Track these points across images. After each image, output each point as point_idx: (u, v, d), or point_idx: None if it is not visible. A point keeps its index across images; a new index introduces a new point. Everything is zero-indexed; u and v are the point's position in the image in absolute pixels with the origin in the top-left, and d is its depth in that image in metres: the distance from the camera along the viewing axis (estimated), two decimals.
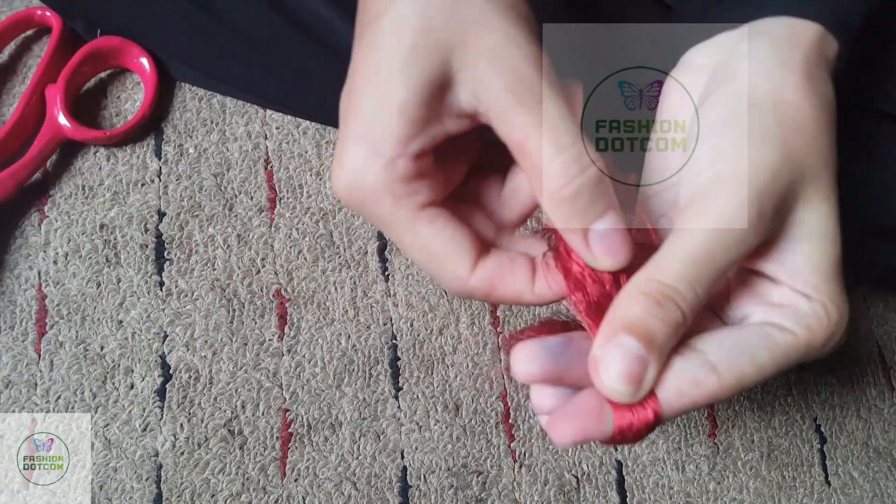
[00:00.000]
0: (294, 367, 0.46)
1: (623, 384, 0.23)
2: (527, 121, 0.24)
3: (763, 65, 0.27)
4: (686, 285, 0.23)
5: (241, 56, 0.47)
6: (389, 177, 0.25)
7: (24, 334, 0.44)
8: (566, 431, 0.23)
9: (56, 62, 0.47)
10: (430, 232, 0.26)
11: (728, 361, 0.24)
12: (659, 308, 0.23)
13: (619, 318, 0.24)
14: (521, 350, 0.24)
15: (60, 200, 0.47)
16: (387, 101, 0.25)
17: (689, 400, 0.23)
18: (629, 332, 0.23)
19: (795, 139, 0.25)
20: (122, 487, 0.42)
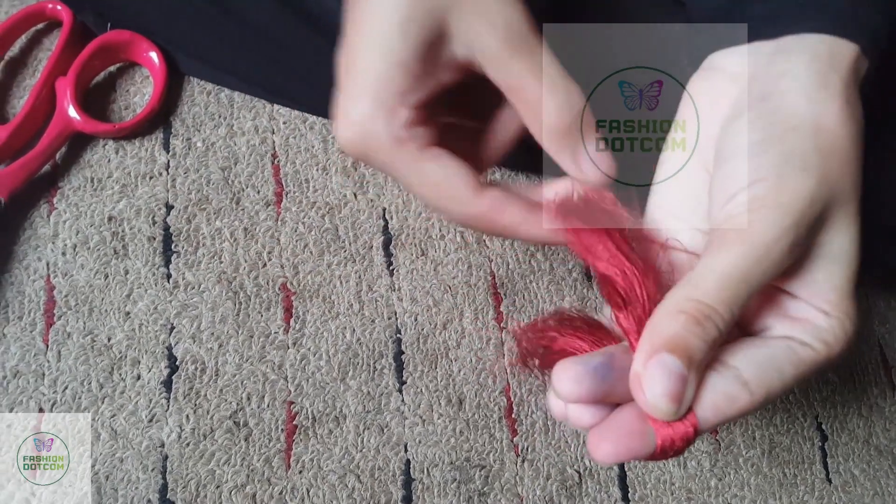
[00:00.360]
0: (299, 360, 0.46)
1: (666, 402, 0.23)
2: (522, 67, 0.27)
3: (804, 86, 0.27)
4: (724, 306, 0.24)
5: (249, 50, 0.48)
6: (393, 124, 0.27)
7: (33, 325, 0.45)
8: (610, 450, 0.24)
9: (66, 56, 0.48)
10: (434, 166, 0.28)
11: (759, 377, 0.25)
12: (699, 327, 0.24)
13: (659, 335, 0.24)
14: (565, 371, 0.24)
15: (69, 192, 0.47)
16: (387, 57, 0.27)
17: (723, 416, 0.24)
18: (671, 350, 0.23)
19: (832, 165, 0.26)
20: (128, 478, 0.43)
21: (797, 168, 0.25)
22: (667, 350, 0.23)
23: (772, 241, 0.24)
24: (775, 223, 0.25)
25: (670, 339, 0.24)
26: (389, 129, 0.27)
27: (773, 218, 0.25)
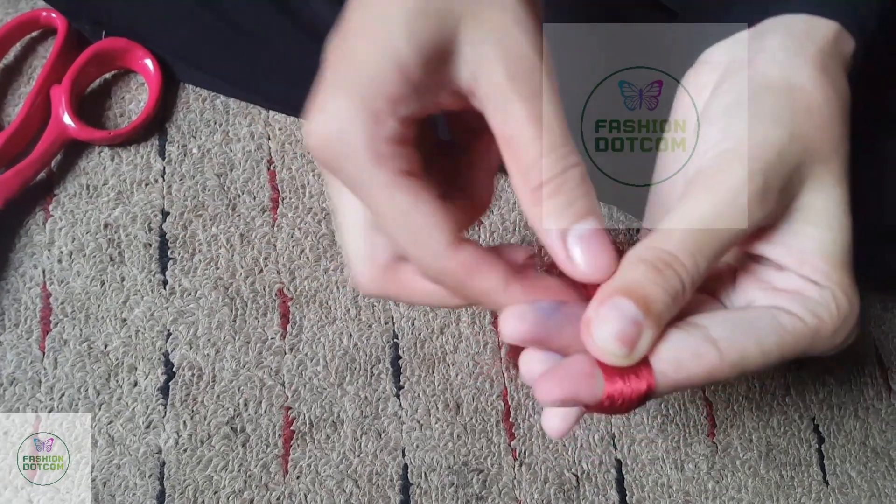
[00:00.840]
0: (296, 366, 0.46)
1: (616, 344, 0.22)
2: (523, 115, 0.23)
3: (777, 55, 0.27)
4: (687, 254, 0.23)
5: (245, 57, 0.48)
6: (375, 133, 0.23)
7: (29, 332, 0.45)
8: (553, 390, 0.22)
9: (61, 63, 0.48)
10: (409, 200, 0.23)
11: (731, 338, 0.23)
12: (658, 274, 0.22)
13: (615, 282, 0.23)
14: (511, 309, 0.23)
15: (65, 200, 0.47)
16: (387, 53, 0.23)
17: (686, 373, 0.22)
18: (625, 294, 0.22)
19: (806, 122, 0.25)
20: (126, 484, 0.43)
21: (766, 122, 0.24)
22: (621, 294, 0.22)
23: (738, 188, 0.23)
24: (740, 169, 0.23)
25: (626, 285, 0.22)
26: (369, 137, 0.23)
27: (739, 165, 0.23)
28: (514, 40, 0.23)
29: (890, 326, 0.55)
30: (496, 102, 0.23)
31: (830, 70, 0.27)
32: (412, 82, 0.23)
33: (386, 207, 0.24)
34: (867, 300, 0.56)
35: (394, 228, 0.24)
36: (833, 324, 0.24)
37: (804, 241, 0.25)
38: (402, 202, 0.23)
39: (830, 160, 0.25)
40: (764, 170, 0.23)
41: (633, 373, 0.22)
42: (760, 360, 0.23)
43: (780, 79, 0.26)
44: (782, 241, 0.25)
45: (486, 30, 0.23)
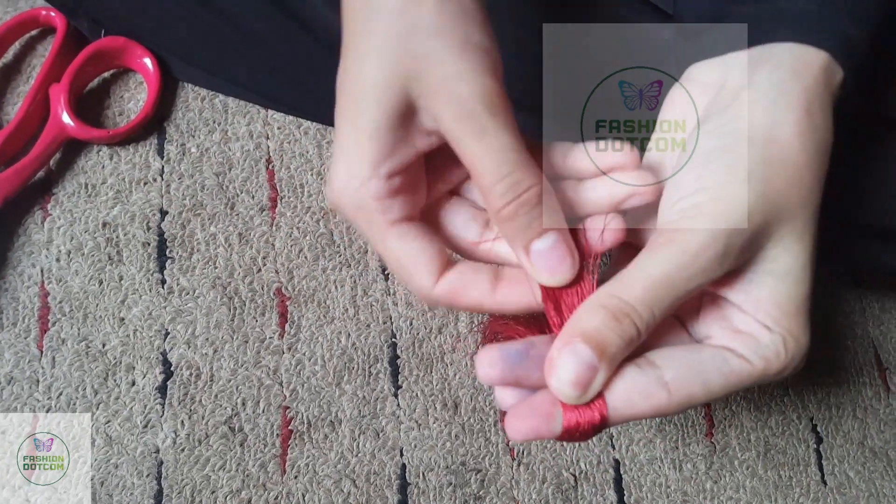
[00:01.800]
0: (294, 365, 0.46)
1: (571, 387, 0.24)
2: (473, 150, 0.26)
3: (763, 97, 0.27)
4: (644, 306, 0.25)
5: (243, 55, 0.48)
6: (364, 195, 0.28)
7: (27, 331, 0.45)
8: (519, 428, 0.25)
9: (60, 62, 0.48)
10: (398, 246, 0.28)
11: (681, 381, 0.25)
12: (616, 323, 0.25)
13: (576, 326, 0.25)
14: (483, 355, 0.26)
15: (64, 198, 0.47)
16: (360, 128, 0.27)
17: (636, 410, 0.25)
18: (584, 340, 0.25)
19: (779, 179, 0.26)
20: (123, 484, 0.43)
21: (740, 179, 0.26)
22: (580, 339, 0.25)
23: (699, 249, 0.25)
24: (705, 231, 0.25)
25: (586, 331, 0.25)
26: (360, 199, 0.28)
27: (704, 226, 0.25)
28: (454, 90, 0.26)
29: (888, 327, 0.55)
30: (452, 139, 0.27)
31: (814, 112, 0.27)
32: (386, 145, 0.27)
33: (382, 252, 0.29)
34: (865, 300, 0.56)
35: (392, 269, 0.30)
36: (780, 365, 0.26)
37: (762, 290, 0.27)
38: (392, 248, 0.29)
39: (796, 216, 0.26)
40: (729, 233, 0.25)
41: (588, 406, 0.25)
42: (705, 399, 0.26)
43: (762, 128, 0.27)
44: (742, 288, 0.27)
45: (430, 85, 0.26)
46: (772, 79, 0.27)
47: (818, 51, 0.28)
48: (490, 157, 0.26)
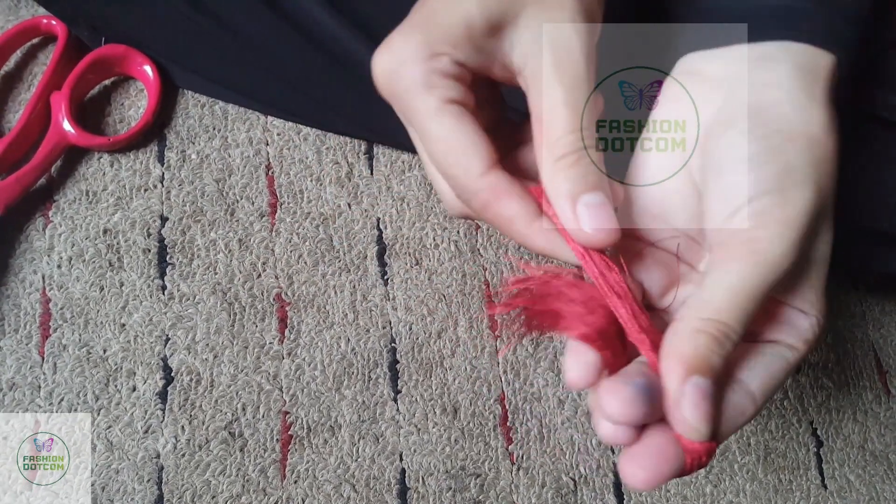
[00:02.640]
0: (294, 370, 0.46)
1: (705, 425, 0.24)
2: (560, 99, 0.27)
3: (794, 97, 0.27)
4: (739, 323, 0.25)
5: (243, 62, 0.48)
6: (429, 67, 0.27)
7: (28, 337, 0.45)
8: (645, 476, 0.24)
9: (61, 70, 0.48)
10: (453, 123, 0.27)
11: (761, 387, 0.26)
12: (718, 345, 0.25)
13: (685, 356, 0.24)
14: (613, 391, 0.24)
15: (65, 205, 0.47)
16: (459, 11, 0.27)
17: (736, 427, 0.26)
18: (700, 371, 0.24)
19: (823, 176, 0.26)
20: (124, 489, 0.43)
21: (797, 181, 0.26)
22: (697, 372, 0.24)
23: (781, 256, 0.25)
24: (784, 238, 0.25)
25: (696, 361, 0.24)
26: (423, 68, 0.27)
27: (781, 233, 0.25)
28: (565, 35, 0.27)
29: (888, 330, 0.55)
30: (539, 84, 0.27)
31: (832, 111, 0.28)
32: (473, 35, 0.27)
33: (430, 130, 0.27)
34: (866, 303, 0.56)
35: (436, 148, 0.27)
36: (815, 344, 0.28)
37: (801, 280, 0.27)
38: (446, 124, 0.27)
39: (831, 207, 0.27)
40: (802, 236, 0.26)
41: None
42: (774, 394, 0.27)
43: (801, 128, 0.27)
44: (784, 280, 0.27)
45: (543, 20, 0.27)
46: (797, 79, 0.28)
47: (828, 54, 0.28)
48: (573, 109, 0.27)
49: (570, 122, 0.27)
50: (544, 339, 0.49)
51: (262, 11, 0.45)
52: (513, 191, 0.27)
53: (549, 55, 0.27)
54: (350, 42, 0.44)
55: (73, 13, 0.48)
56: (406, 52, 0.27)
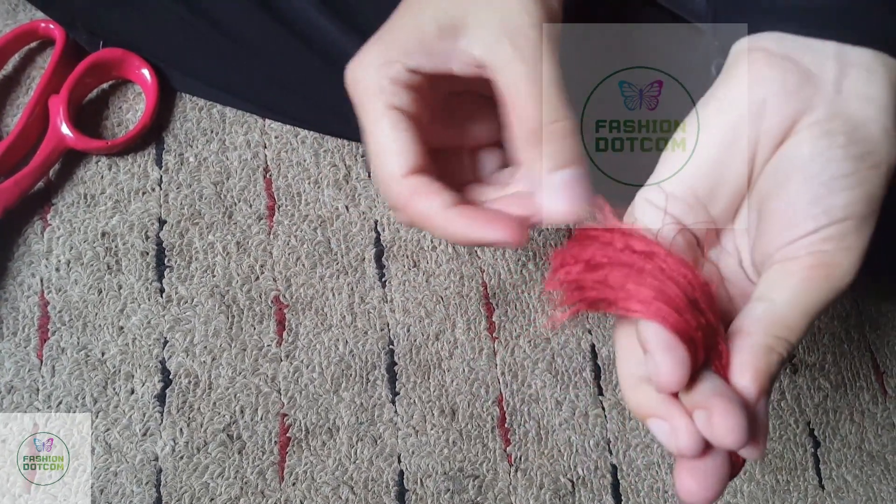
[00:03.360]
0: (292, 373, 0.46)
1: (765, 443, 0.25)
2: (524, 75, 0.28)
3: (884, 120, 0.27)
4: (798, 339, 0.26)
5: (240, 66, 0.48)
6: (382, 74, 0.29)
7: (27, 340, 0.45)
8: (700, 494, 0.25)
9: (59, 73, 0.48)
10: (388, 127, 0.29)
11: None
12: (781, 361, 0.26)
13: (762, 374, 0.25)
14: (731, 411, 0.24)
15: (63, 209, 0.48)
16: (412, 23, 0.30)
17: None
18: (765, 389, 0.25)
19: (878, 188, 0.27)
20: (122, 491, 0.43)
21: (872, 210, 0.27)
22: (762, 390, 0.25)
23: (847, 284, 0.26)
24: (853, 266, 0.26)
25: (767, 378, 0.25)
26: (376, 74, 0.29)
27: (853, 261, 0.26)
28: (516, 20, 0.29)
29: (885, 331, 0.55)
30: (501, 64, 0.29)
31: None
32: (426, 43, 0.30)
33: (370, 130, 0.30)
34: (862, 304, 0.56)
35: (370, 148, 0.30)
36: None
37: None
38: (382, 127, 0.29)
39: None
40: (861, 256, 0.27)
41: None
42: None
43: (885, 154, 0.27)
44: None
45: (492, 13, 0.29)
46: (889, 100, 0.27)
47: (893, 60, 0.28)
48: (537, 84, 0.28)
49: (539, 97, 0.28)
50: (541, 342, 0.50)
51: (260, 15, 0.45)
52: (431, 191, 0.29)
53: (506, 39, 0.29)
54: (347, 45, 0.45)
55: (70, 17, 0.48)
56: (366, 61, 0.30)
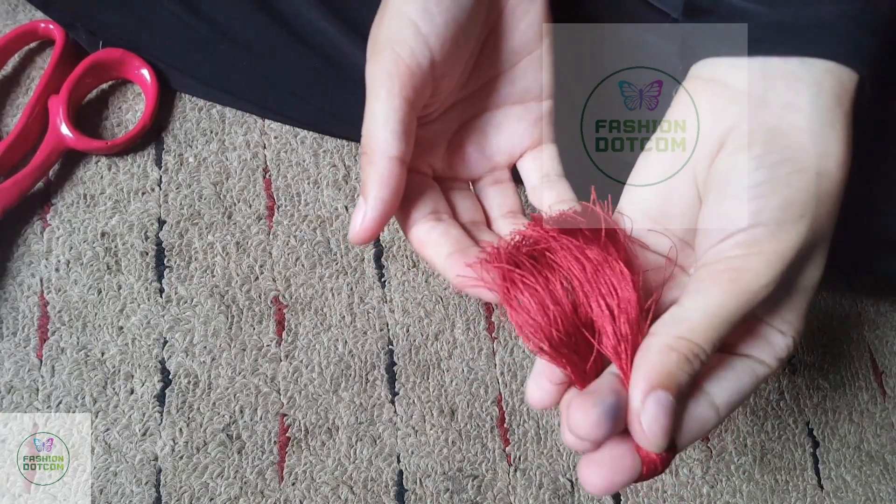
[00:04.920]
0: (292, 373, 0.46)
1: (662, 438, 0.25)
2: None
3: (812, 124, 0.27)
4: (709, 344, 0.26)
5: (240, 66, 0.48)
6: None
7: (27, 340, 0.45)
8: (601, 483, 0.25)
9: (59, 74, 0.48)
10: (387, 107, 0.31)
11: (727, 400, 0.27)
12: (688, 364, 0.25)
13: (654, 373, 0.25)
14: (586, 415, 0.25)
15: (62, 209, 0.48)
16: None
17: (696, 437, 0.27)
18: (665, 387, 0.25)
19: (824, 211, 0.27)
20: (122, 491, 0.43)
21: (796, 216, 0.26)
22: (662, 388, 0.25)
23: (763, 287, 0.26)
24: (769, 271, 0.26)
25: (663, 377, 0.25)
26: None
27: (767, 266, 0.26)
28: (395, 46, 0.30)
29: (883, 331, 0.55)
30: None
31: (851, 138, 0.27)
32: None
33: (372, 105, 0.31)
34: (861, 305, 0.56)
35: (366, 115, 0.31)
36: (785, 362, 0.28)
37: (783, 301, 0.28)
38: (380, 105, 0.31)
39: (827, 238, 0.27)
40: (786, 270, 0.26)
41: None
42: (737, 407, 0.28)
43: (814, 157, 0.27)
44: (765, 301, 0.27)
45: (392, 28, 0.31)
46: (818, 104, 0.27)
47: (853, 73, 0.27)
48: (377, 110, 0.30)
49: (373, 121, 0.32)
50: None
51: (259, 16, 0.45)
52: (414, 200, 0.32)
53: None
54: (347, 46, 0.45)
55: (70, 17, 0.48)
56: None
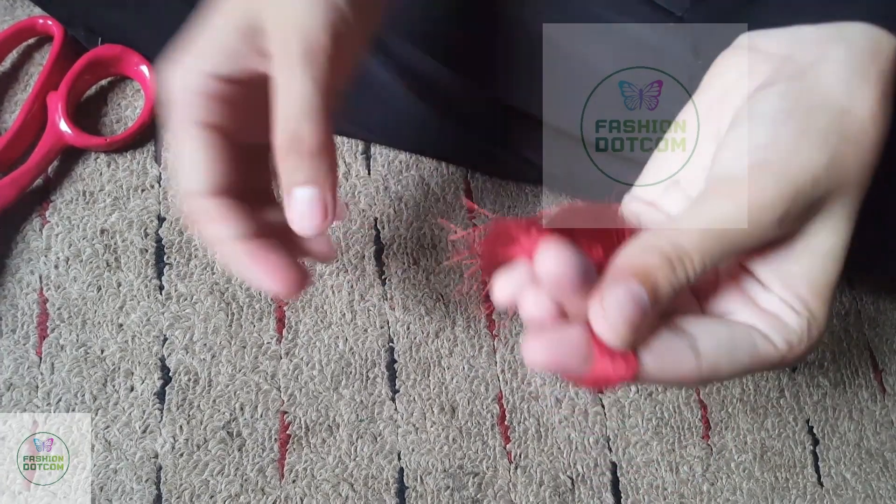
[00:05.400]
0: (292, 370, 0.46)
1: (624, 327, 0.22)
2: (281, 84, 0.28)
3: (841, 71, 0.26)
4: (699, 255, 0.23)
5: None
6: (184, 84, 0.29)
7: (26, 337, 0.45)
8: (542, 357, 0.23)
9: (57, 70, 0.48)
10: (189, 145, 0.30)
11: (712, 352, 0.24)
12: (671, 269, 0.23)
13: (632, 264, 0.23)
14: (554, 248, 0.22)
15: (62, 206, 0.47)
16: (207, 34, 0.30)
17: (664, 374, 0.24)
18: (640, 280, 0.22)
19: (848, 151, 0.25)
20: (122, 489, 0.43)
21: (813, 144, 0.24)
22: (636, 278, 0.22)
23: (765, 206, 0.24)
24: (774, 189, 0.24)
25: (641, 270, 0.23)
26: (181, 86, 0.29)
27: (773, 183, 0.24)
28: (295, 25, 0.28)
29: (883, 329, 0.55)
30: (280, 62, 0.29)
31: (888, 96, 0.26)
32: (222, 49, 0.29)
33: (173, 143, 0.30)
34: (861, 302, 0.56)
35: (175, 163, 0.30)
36: (802, 351, 0.25)
37: (795, 267, 0.25)
38: (182, 144, 0.30)
39: (850, 194, 0.25)
40: (794, 196, 0.24)
41: (622, 357, 0.23)
42: (728, 376, 0.24)
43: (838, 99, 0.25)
44: (774, 262, 0.26)
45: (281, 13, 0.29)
46: (849, 56, 0.26)
47: (890, 36, 0.26)
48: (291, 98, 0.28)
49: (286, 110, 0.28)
50: None
51: None
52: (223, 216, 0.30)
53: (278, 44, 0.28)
54: None
55: (69, 14, 0.48)
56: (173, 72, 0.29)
